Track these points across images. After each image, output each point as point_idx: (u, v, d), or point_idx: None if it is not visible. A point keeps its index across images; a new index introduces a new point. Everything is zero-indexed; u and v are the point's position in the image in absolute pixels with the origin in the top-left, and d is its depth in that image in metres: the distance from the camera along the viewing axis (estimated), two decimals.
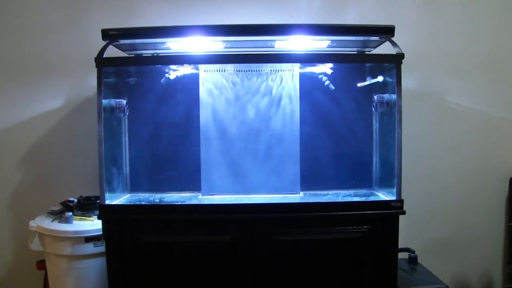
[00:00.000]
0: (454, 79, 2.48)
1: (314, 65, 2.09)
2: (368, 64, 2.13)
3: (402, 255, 2.20)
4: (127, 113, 2.13)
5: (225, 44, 2.02)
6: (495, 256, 2.60)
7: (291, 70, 2.07)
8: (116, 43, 1.93)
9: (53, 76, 2.39)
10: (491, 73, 2.51)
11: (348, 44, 2.09)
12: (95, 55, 1.83)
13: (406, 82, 1.91)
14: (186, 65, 2.06)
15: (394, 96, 1.89)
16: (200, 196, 2.08)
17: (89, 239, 2.01)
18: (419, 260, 2.28)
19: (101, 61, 1.83)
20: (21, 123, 2.42)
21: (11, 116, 2.42)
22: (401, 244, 1.95)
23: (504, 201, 2.56)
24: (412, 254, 2.27)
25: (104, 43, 1.87)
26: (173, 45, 2.01)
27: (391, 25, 1.87)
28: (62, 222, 2.07)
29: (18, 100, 2.41)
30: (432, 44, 2.46)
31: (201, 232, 1.88)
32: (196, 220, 1.87)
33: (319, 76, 2.13)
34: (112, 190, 2.00)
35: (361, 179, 2.17)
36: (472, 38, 2.48)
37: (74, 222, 2.07)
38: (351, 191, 2.14)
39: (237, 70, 2.06)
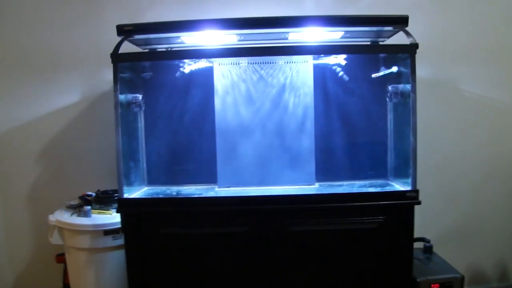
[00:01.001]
0: (468, 67, 2.47)
1: (328, 57, 2.09)
2: (382, 55, 2.12)
3: (417, 245, 2.20)
4: (143, 107, 2.15)
5: (239, 37, 2.02)
6: (510, 244, 2.59)
7: (305, 61, 2.07)
8: (131, 38, 1.94)
9: (68, 72, 2.43)
10: (505, 61, 2.49)
11: (361, 35, 2.08)
12: (109, 50, 1.84)
13: (420, 71, 1.89)
14: (200, 59, 2.08)
15: (408, 86, 1.89)
16: (216, 189, 2.09)
17: (108, 232, 2.04)
18: (434, 249, 2.28)
19: (117, 57, 1.85)
20: (38, 119, 2.45)
21: (28, 112, 2.45)
22: (416, 234, 1.95)
23: None
24: (428, 244, 2.28)
25: (117, 38, 1.88)
26: (187, 39, 2.02)
27: (405, 15, 1.85)
28: (81, 216, 2.10)
29: (35, 96, 2.44)
30: (445, 32, 2.45)
31: (218, 224, 1.90)
32: (214, 212, 1.89)
33: (333, 67, 2.13)
34: (129, 183, 2.02)
35: (376, 170, 2.17)
36: (485, 26, 2.46)
37: (93, 215, 2.11)
38: (366, 182, 2.14)
39: (251, 63, 2.07)
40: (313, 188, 2.07)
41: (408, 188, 1.89)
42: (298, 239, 1.90)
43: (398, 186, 2.05)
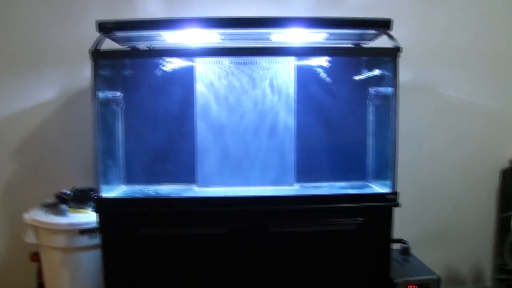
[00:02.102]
0: (451, 72, 2.51)
1: (311, 58, 2.09)
2: (365, 57, 2.13)
3: (395, 246, 2.22)
4: (123, 105, 2.11)
5: (221, 37, 2.01)
6: (485, 248, 2.65)
7: (287, 62, 2.06)
8: (112, 35, 1.90)
9: (46, 67, 2.37)
10: (486, 66, 2.54)
11: (345, 37, 2.09)
12: (89, 46, 1.81)
13: (402, 74, 1.92)
14: (182, 58, 2.05)
15: (390, 89, 1.90)
16: (195, 188, 2.07)
17: (83, 231, 2.01)
18: (411, 251, 2.30)
19: (97, 54, 1.81)
20: (15, 115, 2.39)
21: (4, 107, 2.39)
22: (394, 235, 1.97)
23: (495, 193, 2.60)
24: (405, 245, 2.30)
25: (98, 34, 1.84)
26: (169, 37, 1.99)
27: (388, 19, 1.86)
28: (56, 215, 2.06)
29: (11, 92, 2.38)
30: (428, 36, 2.47)
31: (197, 225, 1.88)
32: (193, 212, 1.87)
33: (316, 69, 2.13)
34: (107, 182, 1.98)
35: (356, 172, 2.18)
36: (469, 31, 2.50)
37: (69, 214, 2.07)
38: (346, 183, 2.15)
39: (233, 62, 2.05)
40: (293, 189, 2.07)
41: (388, 190, 1.90)
42: (277, 240, 1.90)
43: (378, 188, 2.06)
